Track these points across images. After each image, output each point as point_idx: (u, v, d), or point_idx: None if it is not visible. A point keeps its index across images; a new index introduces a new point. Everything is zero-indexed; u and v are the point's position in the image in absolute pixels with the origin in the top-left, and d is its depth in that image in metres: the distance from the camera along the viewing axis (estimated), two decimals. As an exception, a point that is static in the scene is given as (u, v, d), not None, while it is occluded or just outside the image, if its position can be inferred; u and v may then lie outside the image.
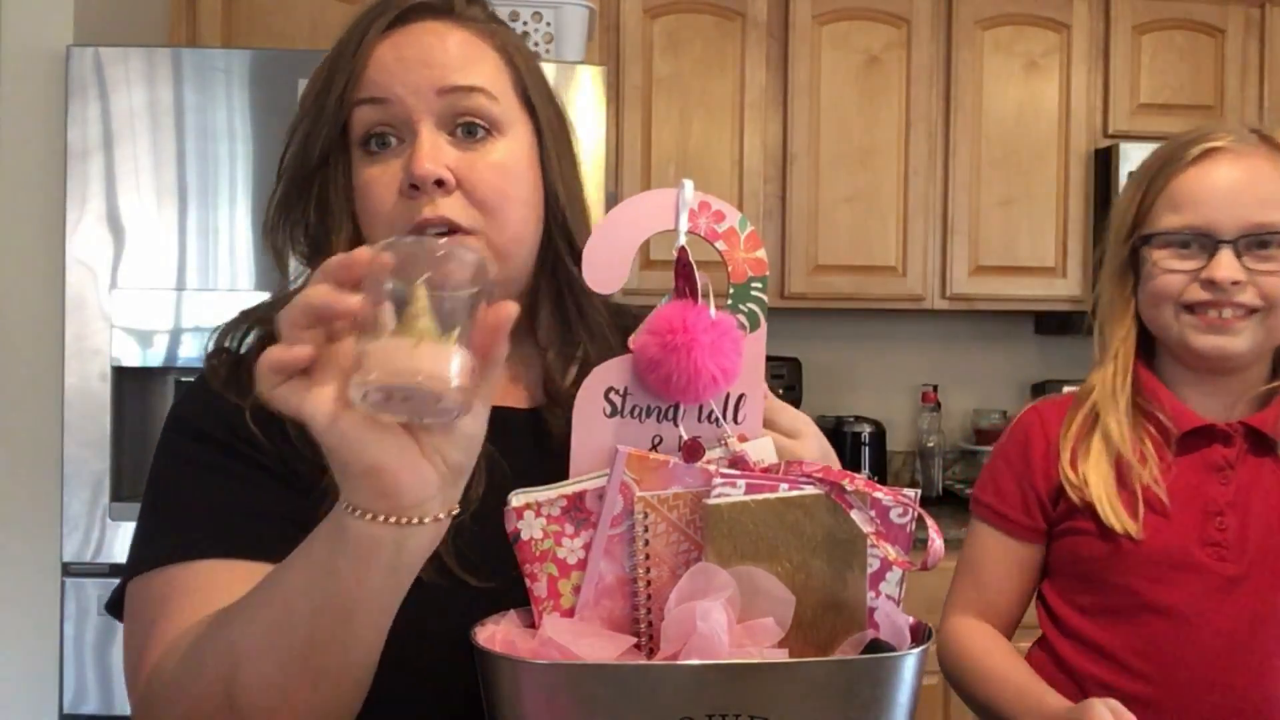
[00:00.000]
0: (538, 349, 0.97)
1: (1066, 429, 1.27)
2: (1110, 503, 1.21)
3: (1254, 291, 1.19)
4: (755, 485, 0.77)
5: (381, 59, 0.89)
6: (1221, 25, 3.05)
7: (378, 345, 0.60)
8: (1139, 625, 1.20)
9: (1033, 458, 1.29)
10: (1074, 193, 3.02)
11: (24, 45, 2.27)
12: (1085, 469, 1.23)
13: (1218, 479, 1.22)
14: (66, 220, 2.18)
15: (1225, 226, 1.19)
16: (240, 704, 0.72)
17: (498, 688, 0.73)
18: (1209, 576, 1.19)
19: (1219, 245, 1.19)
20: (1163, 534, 1.20)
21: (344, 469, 0.65)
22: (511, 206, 0.90)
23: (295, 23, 2.69)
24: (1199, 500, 1.21)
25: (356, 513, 0.65)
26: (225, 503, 0.85)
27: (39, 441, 2.26)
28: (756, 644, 0.74)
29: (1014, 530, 1.30)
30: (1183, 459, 1.23)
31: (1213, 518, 1.21)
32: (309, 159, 0.90)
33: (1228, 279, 1.18)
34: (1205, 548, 1.20)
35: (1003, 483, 1.31)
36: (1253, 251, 1.19)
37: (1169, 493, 1.21)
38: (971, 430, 3.31)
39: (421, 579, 0.83)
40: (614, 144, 2.85)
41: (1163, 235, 1.22)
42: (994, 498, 1.31)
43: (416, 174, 0.85)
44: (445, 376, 0.60)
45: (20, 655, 2.27)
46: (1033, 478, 1.28)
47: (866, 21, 2.98)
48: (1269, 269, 1.19)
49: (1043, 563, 1.31)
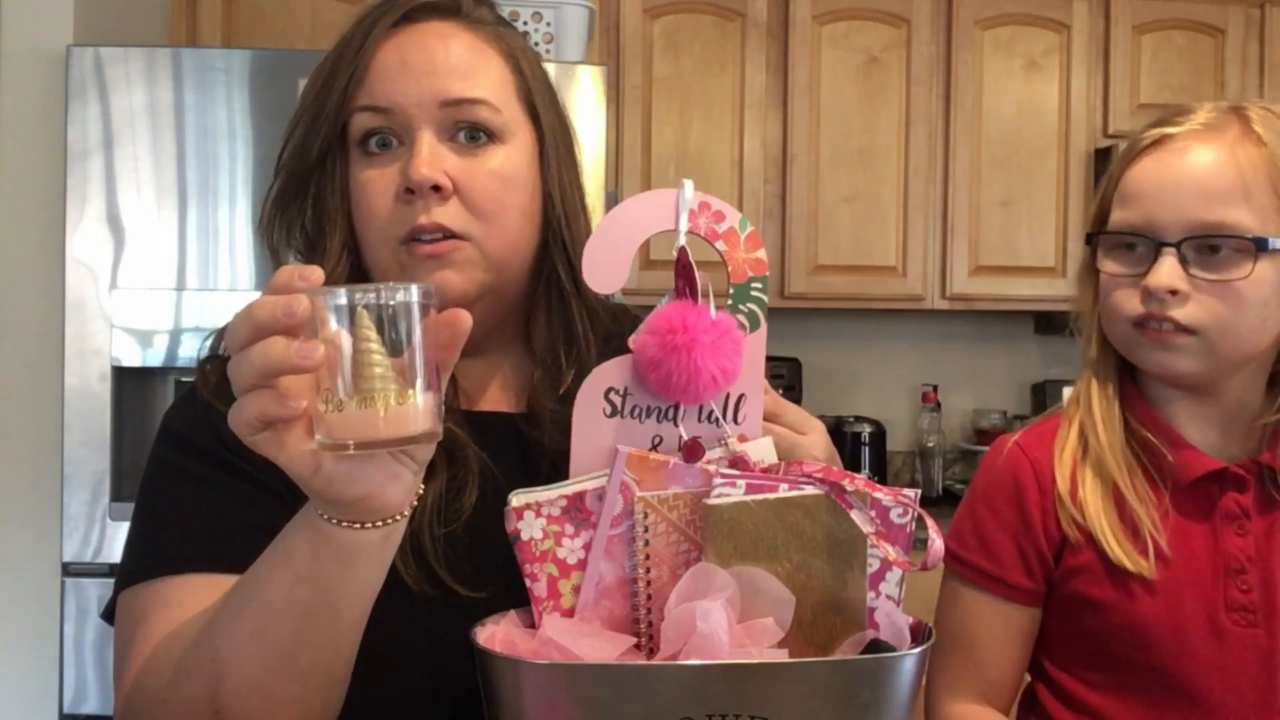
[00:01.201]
0: (530, 357, 0.96)
1: (1060, 454, 1.09)
2: (1114, 535, 1.03)
3: (1196, 307, 1.00)
4: (755, 485, 0.77)
5: (385, 64, 0.88)
6: (1221, 25, 3.06)
7: (338, 418, 0.61)
8: (1159, 707, 1.03)
9: (1028, 509, 1.08)
10: (1074, 193, 3.02)
11: (24, 45, 2.27)
12: (1084, 496, 1.05)
13: (1233, 529, 1.04)
14: (66, 220, 2.18)
15: (1169, 226, 1.01)
16: (226, 710, 0.71)
17: (498, 688, 0.73)
18: (1237, 646, 1.01)
19: (1162, 248, 1.01)
20: (1178, 595, 1.02)
21: (331, 504, 0.66)
22: (508, 215, 0.89)
23: (295, 23, 2.70)
24: (1215, 555, 1.03)
25: (342, 524, 0.66)
26: (212, 516, 0.84)
27: (39, 441, 2.26)
28: (756, 644, 0.74)
29: (1013, 596, 1.09)
30: (1186, 505, 1.05)
31: (1234, 576, 1.02)
32: (307, 158, 0.89)
33: (1162, 287, 1.00)
34: (1229, 613, 1.01)
35: (994, 541, 1.09)
36: (1203, 257, 1.01)
37: (1173, 545, 1.02)
38: (971, 430, 3.31)
39: (412, 589, 0.83)
40: (614, 144, 2.85)
41: (1109, 235, 1.06)
42: (985, 560, 1.09)
43: (414, 179, 0.85)
44: (408, 434, 0.62)
45: (20, 655, 2.27)
46: (1032, 532, 1.08)
47: (866, 21, 2.98)
48: (1216, 278, 1.00)
49: (1037, 631, 1.11)
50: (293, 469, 0.63)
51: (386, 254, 0.88)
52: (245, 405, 0.62)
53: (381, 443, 0.62)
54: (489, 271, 0.88)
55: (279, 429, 0.62)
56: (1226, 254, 1.00)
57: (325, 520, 0.66)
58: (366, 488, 0.65)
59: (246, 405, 0.62)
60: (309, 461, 0.63)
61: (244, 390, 0.62)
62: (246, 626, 0.70)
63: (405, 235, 0.86)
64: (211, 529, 0.83)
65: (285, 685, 0.71)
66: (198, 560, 0.82)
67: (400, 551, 0.82)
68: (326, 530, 0.67)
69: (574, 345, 0.94)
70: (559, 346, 0.95)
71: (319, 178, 0.90)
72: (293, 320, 0.60)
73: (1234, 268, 1.00)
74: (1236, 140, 1.02)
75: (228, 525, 0.83)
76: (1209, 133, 1.04)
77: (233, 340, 0.62)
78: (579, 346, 0.94)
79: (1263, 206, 1.01)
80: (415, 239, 0.86)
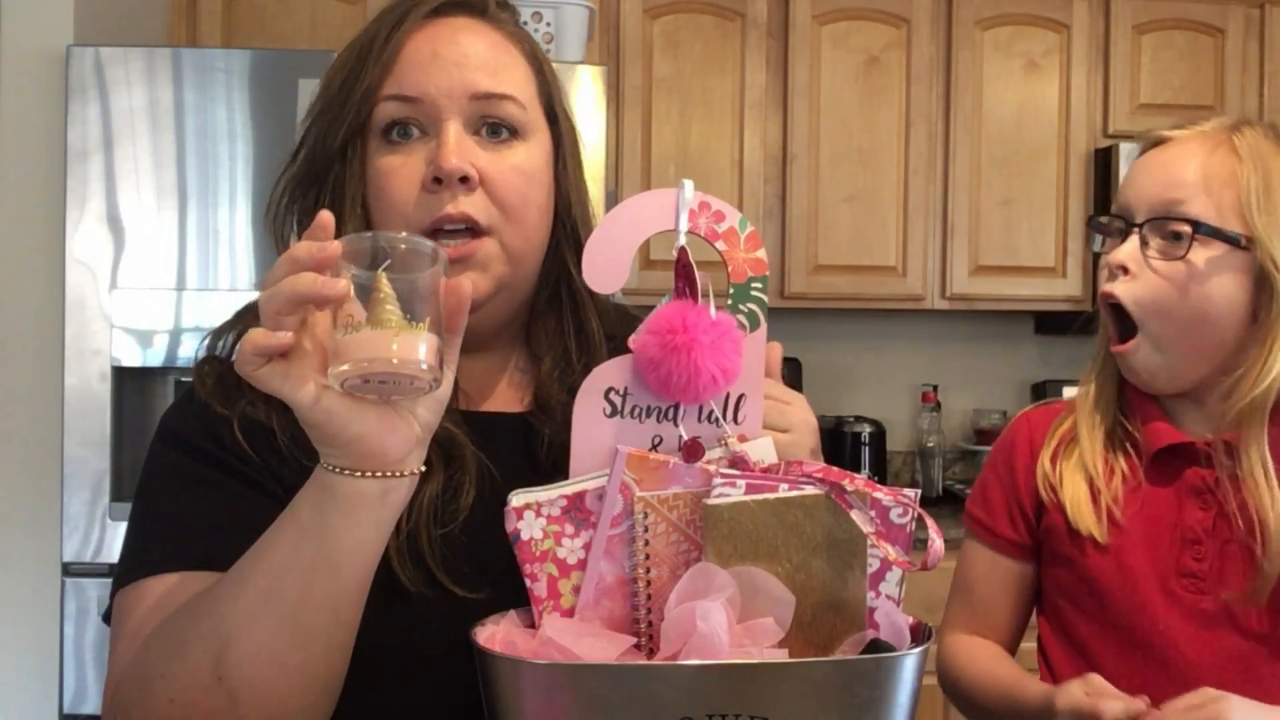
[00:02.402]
0: (534, 357, 0.96)
1: (1054, 430, 1.20)
2: (1080, 504, 1.13)
3: (1138, 285, 1.08)
4: (755, 485, 0.77)
5: (416, 54, 0.88)
6: (1221, 25, 3.06)
7: (353, 338, 0.65)
8: (1122, 658, 1.12)
9: (1017, 467, 1.21)
10: (1074, 193, 3.02)
11: (24, 45, 2.27)
12: (1063, 470, 1.16)
13: (1196, 502, 1.11)
14: (66, 220, 2.18)
15: (1137, 208, 1.10)
16: (231, 678, 0.72)
17: (498, 688, 0.73)
18: (1185, 611, 1.09)
19: (1130, 229, 1.09)
20: (1130, 559, 1.11)
21: (329, 440, 0.69)
22: (530, 210, 0.89)
23: (295, 23, 2.70)
24: (1174, 526, 1.11)
25: (344, 472, 0.69)
26: (208, 516, 0.84)
27: (39, 441, 2.26)
28: (756, 644, 0.74)
29: (1000, 546, 1.23)
30: (1156, 480, 1.13)
31: (1190, 546, 1.10)
32: (330, 145, 0.89)
33: (1114, 262, 1.09)
34: (1180, 579, 1.10)
35: (990, 494, 1.24)
36: (1163, 243, 1.08)
37: (1137, 515, 1.12)
38: (971, 430, 3.31)
39: (409, 591, 0.83)
40: (614, 144, 2.85)
41: (1094, 218, 1.17)
42: (981, 511, 1.24)
43: (444, 168, 0.85)
44: (416, 360, 0.66)
45: (20, 655, 2.28)
46: (1017, 489, 1.21)
47: (866, 21, 2.98)
48: (1161, 259, 1.07)
49: (1036, 585, 1.23)
50: (295, 399, 0.67)
51: None
52: (254, 334, 0.66)
53: (390, 366, 0.65)
54: (508, 265, 0.89)
55: (278, 365, 0.66)
56: (1182, 241, 1.07)
57: (326, 469, 0.69)
58: (365, 427, 0.68)
59: (255, 333, 0.66)
60: (310, 391, 0.67)
61: (270, 318, 0.66)
62: (253, 588, 0.72)
63: (430, 225, 0.86)
64: (207, 529, 0.83)
65: (289, 650, 0.72)
66: (193, 559, 0.82)
67: (398, 553, 0.83)
68: (328, 480, 0.70)
69: (587, 342, 0.95)
70: (569, 343, 0.95)
71: (340, 165, 0.89)
72: (325, 256, 0.65)
73: (1179, 249, 1.07)
74: (1217, 146, 1.10)
75: (223, 525, 0.83)
76: (1199, 137, 1.11)
77: (271, 277, 0.67)
78: (591, 344, 0.95)
79: (1220, 204, 1.07)
80: (439, 230, 0.86)
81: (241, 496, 0.85)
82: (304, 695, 0.74)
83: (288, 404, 0.68)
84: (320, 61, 0.95)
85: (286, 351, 0.67)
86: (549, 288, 0.96)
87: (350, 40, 0.92)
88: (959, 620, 1.27)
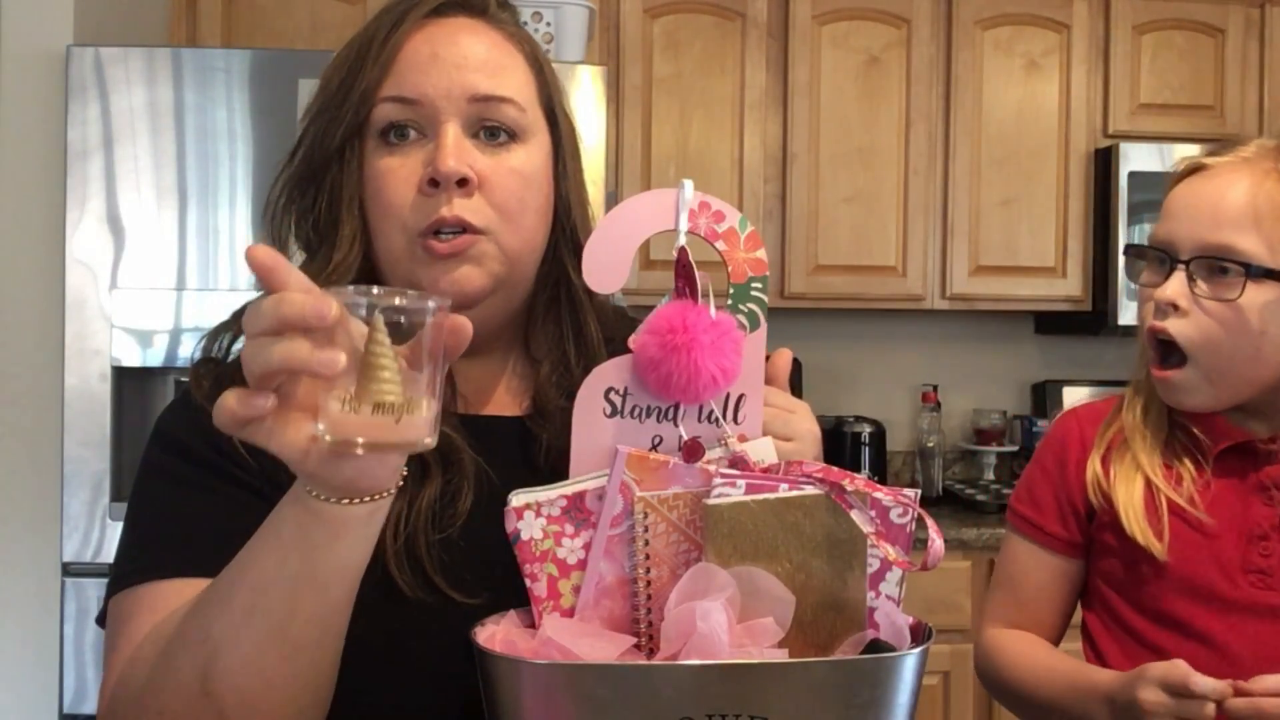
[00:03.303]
0: (532, 360, 0.96)
1: (1103, 432, 1.21)
2: (1135, 515, 1.14)
3: (1189, 324, 1.08)
4: (755, 485, 0.77)
5: (415, 55, 0.87)
6: (1221, 25, 3.05)
7: (352, 420, 0.61)
8: (1182, 651, 1.09)
9: (1069, 467, 1.23)
10: (1074, 193, 3.02)
11: (24, 45, 2.27)
12: (1116, 475, 1.17)
13: (1261, 498, 1.13)
14: (66, 220, 2.18)
15: (1182, 244, 1.10)
16: (218, 691, 0.71)
17: (498, 688, 0.73)
18: (1251, 606, 1.10)
19: (1175, 265, 1.10)
20: (1198, 557, 1.12)
21: (320, 484, 0.66)
22: (527, 213, 0.89)
23: (295, 23, 2.70)
24: (1240, 523, 1.12)
25: (331, 500, 0.67)
26: (203, 521, 0.84)
27: (39, 441, 2.26)
28: (756, 644, 0.74)
29: (1049, 543, 1.24)
30: (1221, 478, 1.14)
31: (1256, 542, 1.11)
32: (327, 146, 0.88)
33: (1164, 299, 1.09)
34: (1247, 574, 1.11)
35: (1039, 493, 1.25)
36: (1211, 278, 1.08)
37: (1207, 512, 1.13)
38: (971, 430, 3.31)
39: (408, 597, 0.82)
40: (614, 144, 2.85)
41: (1134, 247, 1.16)
42: (1030, 509, 1.26)
43: (442, 171, 0.84)
44: (417, 441, 0.64)
45: (20, 655, 2.28)
46: (1069, 488, 1.22)
47: (866, 21, 2.98)
48: (1214, 298, 1.07)
49: (1082, 580, 1.25)
50: (283, 455, 0.64)
51: (401, 244, 0.87)
52: (231, 404, 0.62)
53: (391, 447, 0.63)
54: (504, 265, 0.88)
55: (260, 423, 0.63)
56: (1231, 278, 1.07)
57: (312, 496, 0.67)
58: (355, 470, 0.65)
59: (232, 403, 0.62)
60: (300, 447, 0.64)
61: (255, 378, 0.62)
62: (239, 602, 0.70)
63: (425, 228, 0.85)
64: (201, 534, 0.83)
65: (277, 662, 0.71)
66: (187, 565, 0.81)
67: (395, 558, 0.82)
68: (314, 506, 0.67)
69: (585, 346, 0.95)
70: (568, 347, 0.95)
71: (337, 166, 0.89)
72: (323, 324, 0.60)
73: (1231, 289, 1.07)
74: (1264, 174, 1.09)
75: (218, 530, 0.82)
76: (1242, 165, 1.10)
77: (254, 326, 0.62)
78: (590, 347, 0.95)
79: (1271, 240, 1.07)
80: (434, 233, 0.85)
81: (238, 501, 0.84)
82: (293, 705, 0.73)
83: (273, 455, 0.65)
84: (320, 61, 0.95)
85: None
86: (548, 290, 0.95)
87: (349, 39, 0.91)
88: (1003, 615, 1.28)
